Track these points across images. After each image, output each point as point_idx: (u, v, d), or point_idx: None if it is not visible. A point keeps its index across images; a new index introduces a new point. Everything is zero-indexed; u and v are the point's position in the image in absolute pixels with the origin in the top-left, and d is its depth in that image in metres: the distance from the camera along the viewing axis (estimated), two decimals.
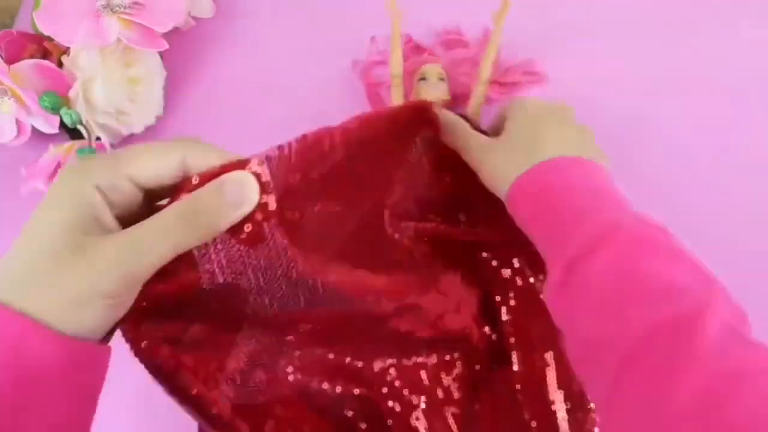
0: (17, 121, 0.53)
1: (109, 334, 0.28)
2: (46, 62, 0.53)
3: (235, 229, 0.28)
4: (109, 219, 0.26)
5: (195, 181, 0.27)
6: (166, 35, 0.54)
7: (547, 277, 0.32)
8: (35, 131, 0.54)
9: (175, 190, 0.27)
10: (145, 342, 0.29)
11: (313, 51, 0.60)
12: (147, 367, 0.29)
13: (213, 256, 0.28)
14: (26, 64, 0.52)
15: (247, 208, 0.28)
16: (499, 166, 0.36)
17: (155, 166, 0.27)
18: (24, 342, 0.24)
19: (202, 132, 0.58)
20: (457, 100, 0.52)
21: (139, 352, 0.29)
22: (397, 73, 0.50)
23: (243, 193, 0.28)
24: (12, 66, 0.52)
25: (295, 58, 0.60)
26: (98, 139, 0.54)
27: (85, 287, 0.25)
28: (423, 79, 0.51)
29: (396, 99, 0.50)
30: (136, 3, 0.53)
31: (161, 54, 0.58)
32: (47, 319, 0.25)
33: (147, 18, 0.53)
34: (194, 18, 0.61)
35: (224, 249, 0.29)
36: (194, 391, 0.31)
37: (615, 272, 0.29)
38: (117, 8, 0.52)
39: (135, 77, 0.56)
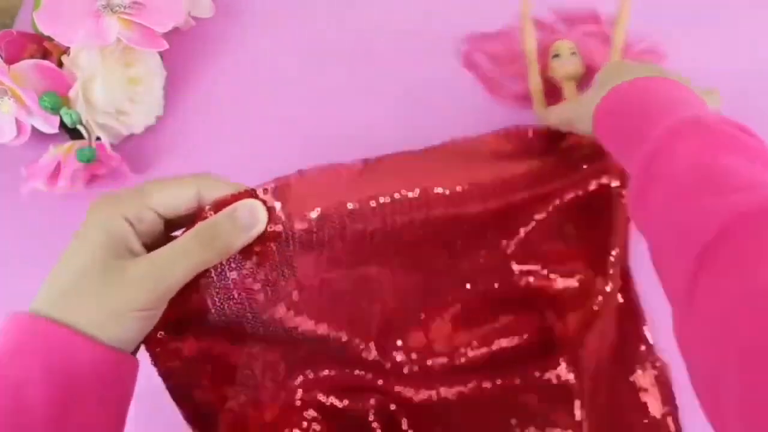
0: (17, 121, 0.53)
1: (137, 348, 0.32)
2: (46, 62, 0.53)
3: (246, 250, 0.32)
4: (137, 245, 0.30)
5: (209, 209, 0.31)
6: (166, 35, 0.54)
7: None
8: (35, 131, 0.54)
9: (191, 219, 0.31)
10: (163, 352, 0.33)
11: (313, 51, 0.60)
12: (162, 375, 0.33)
13: (228, 273, 0.32)
14: (26, 64, 0.52)
15: (257, 231, 0.32)
16: (587, 107, 0.38)
17: (174, 197, 0.31)
18: (73, 352, 0.28)
19: (202, 132, 0.59)
20: (589, 73, 0.53)
21: (157, 361, 0.33)
22: (531, 52, 0.53)
23: (253, 218, 0.32)
24: (12, 66, 0.52)
25: (295, 58, 0.60)
26: (98, 139, 0.54)
27: (121, 303, 0.29)
28: (556, 55, 0.53)
29: (533, 79, 0.52)
30: (136, 3, 0.53)
31: (161, 54, 0.58)
32: (92, 331, 0.28)
33: (147, 18, 0.53)
34: (194, 18, 0.61)
35: (237, 267, 0.32)
36: (203, 406, 0.34)
37: (692, 164, 0.29)
38: (117, 8, 0.52)
39: (135, 77, 0.56)
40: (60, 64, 0.54)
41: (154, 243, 0.31)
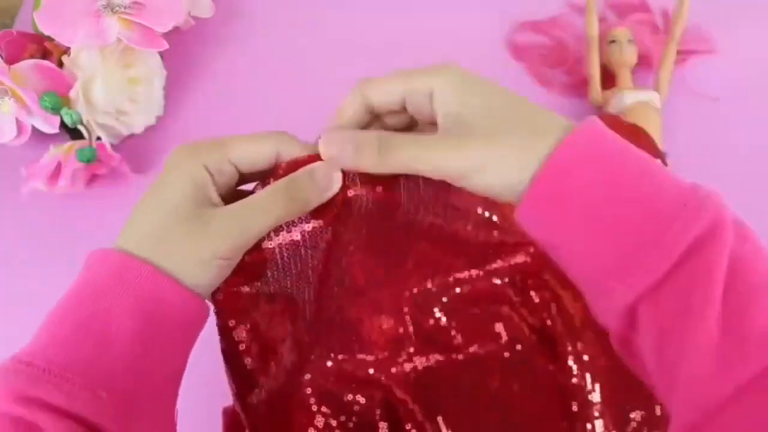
0: (17, 121, 0.53)
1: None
2: (46, 62, 0.53)
3: (317, 210, 0.33)
4: (215, 196, 0.31)
5: (285, 167, 0.32)
6: (166, 35, 0.54)
7: (596, 303, 0.27)
8: (35, 131, 0.54)
9: (261, 175, 0.33)
10: (227, 307, 0.34)
11: (313, 51, 0.60)
12: (219, 323, 0.34)
13: (298, 230, 0.33)
14: (26, 64, 0.52)
15: (332, 192, 0.32)
16: (487, 170, 0.28)
17: (255, 153, 0.32)
18: (160, 292, 0.29)
19: (202, 132, 0.58)
20: (642, 62, 0.55)
21: (219, 314, 0.34)
22: (594, 35, 0.54)
23: (330, 179, 0.32)
24: (12, 66, 0.52)
25: (295, 58, 0.60)
26: (98, 139, 0.54)
27: (206, 250, 0.29)
28: (613, 41, 0.54)
29: (593, 62, 0.54)
30: (136, 3, 0.53)
31: (161, 54, 0.58)
32: (176, 275, 0.29)
33: (147, 18, 0.53)
34: (194, 18, 0.61)
35: (307, 225, 0.34)
36: (248, 365, 0.35)
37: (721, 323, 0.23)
38: (117, 8, 0.52)
39: (135, 77, 0.56)
40: (60, 64, 0.54)
41: (226, 196, 0.32)
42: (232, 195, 0.32)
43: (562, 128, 0.28)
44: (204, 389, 0.36)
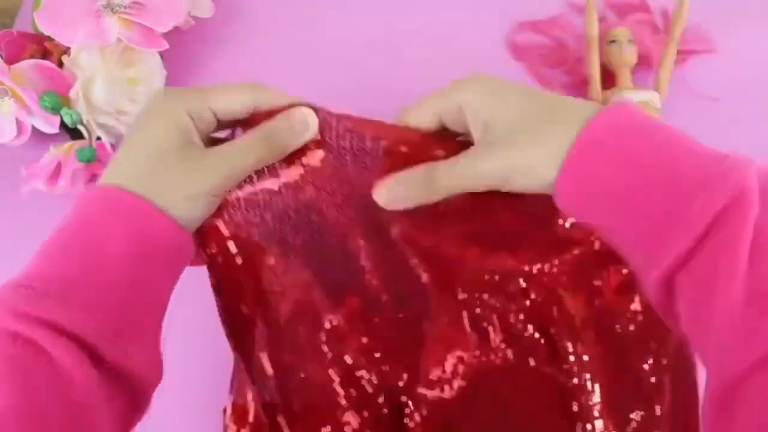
0: (17, 121, 0.53)
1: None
2: (46, 62, 0.53)
3: (291, 155, 0.34)
4: (198, 139, 0.33)
5: (263, 114, 0.34)
6: (166, 35, 0.54)
7: (647, 268, 0.27)
8: (35, 131, 0.54)
9: (246, 121, 0.34)
10: (212, 247, 0.35)
11: (313, 51, 0.60)
12: (210, 271, 0.35)
13: (273, 179, 0.35)
14: (26, 64, 0.52)
15: (308, 136, 0.34)
16: (520, 173, 0.31)
17: (234, 102, 0.33)
18: (151, 223, 0.30)
19: None
20: (641, 62, 0.55)
21: (207, 255, 0.35)
22: (594, 35, 0.54)
23: (306, 123, 0.34)
24: (12, 66, 0.52)
25: (295, 58, 0.60)
26: (99, 139, 0.54)
27: (196, 186, 0.31)
28: (613, 41, 0.54)
29: (593, 62, 0.54)
30: (136, 3, 0.53)
31: (161, 54, 0.58)
32: (167, 210, 0.31)
33: (147, 18, 0.53)
34: (194, 18, 0.61)
35: (281, 171, 0.35)
36: (244, 310, 0.36)
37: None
38: (117, 8, 0.52)
39: (135, 77, 0.56)
40: (60, 64, 0.54)
41: (204, 141, 0.34)
42: (208, 141, 0.34)
43: (586, 114, 0.29)
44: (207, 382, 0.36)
